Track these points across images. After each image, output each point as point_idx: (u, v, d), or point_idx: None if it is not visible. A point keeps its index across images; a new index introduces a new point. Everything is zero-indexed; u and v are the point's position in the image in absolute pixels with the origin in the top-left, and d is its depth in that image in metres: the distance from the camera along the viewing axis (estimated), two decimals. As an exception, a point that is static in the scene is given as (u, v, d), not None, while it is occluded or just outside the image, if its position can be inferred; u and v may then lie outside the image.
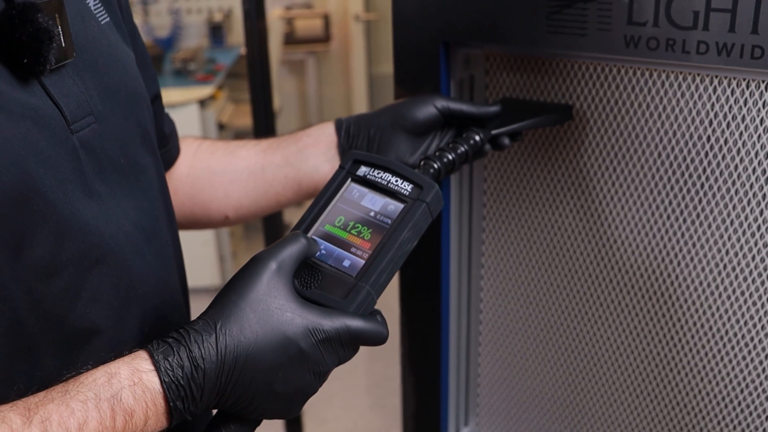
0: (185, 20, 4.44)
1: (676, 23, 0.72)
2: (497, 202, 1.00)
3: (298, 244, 0.65)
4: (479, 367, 1.12)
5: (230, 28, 4.43)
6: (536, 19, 0.80)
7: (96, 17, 0.70)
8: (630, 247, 0.90)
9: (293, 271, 0.65)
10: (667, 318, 0.89)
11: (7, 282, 0.56)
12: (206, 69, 3.85)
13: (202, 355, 0.59)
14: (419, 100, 0.86)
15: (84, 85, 0.64)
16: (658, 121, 0.82)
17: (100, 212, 0.64)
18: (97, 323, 0.63)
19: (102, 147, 0.66)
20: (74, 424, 0.54)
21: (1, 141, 0.55)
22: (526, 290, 1.02)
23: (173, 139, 0.92)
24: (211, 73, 3.79)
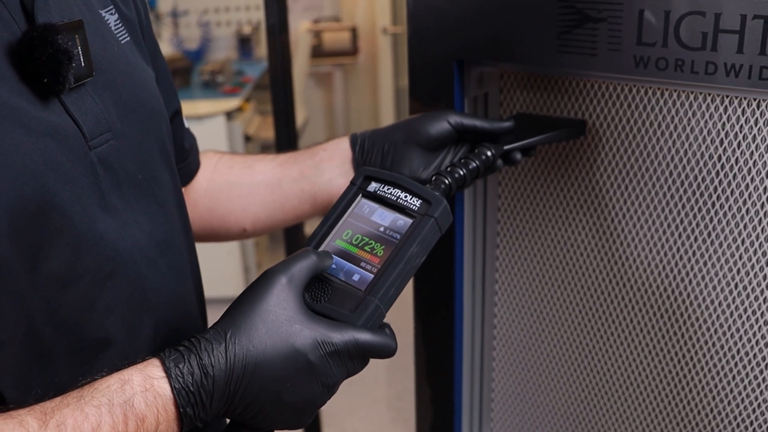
0: (214, 33, 4.50)
1: (685, 44, 0.73)
2: (511, 217, 1.01)
3: (308, 259, 0.67)
4: (493, 381, 1.13)
5: (259, 40, 4.49)
6: (547, 39, 0.81)
7: (116, 37, 0.73)
8: (642, 265, 0.90)
9: (303, 284, 0.66)
10: (678, 336, 0.89)
11: (24, 291, 0.58)
12: (234, 81, 3.90)
13: (211, 363, 0.61)
14: (433, 115, 0.87)
15: (103, 103, 0.67)
16: (669, 140, 0.83)
17: (116, 226, 0.66)
18: (111, 333, 0.65)
19: (119, 162, 0.68)
20: (88, 428, 0.56)
21: (21, 157, 0.57)
22: (539, 305, 1.03)
23: (193, 153, 0.94)
24: (239, 85, 3.84)
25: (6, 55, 0.59)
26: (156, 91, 0.77)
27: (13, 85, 0.59)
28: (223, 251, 3.48)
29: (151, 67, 0.80)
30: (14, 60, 0.59)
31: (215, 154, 0.98)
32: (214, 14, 4.51)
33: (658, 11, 0.73)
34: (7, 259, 0.57)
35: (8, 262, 0.57)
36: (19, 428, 0.54)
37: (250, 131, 3.69)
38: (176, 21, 4.43)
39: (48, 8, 0.62)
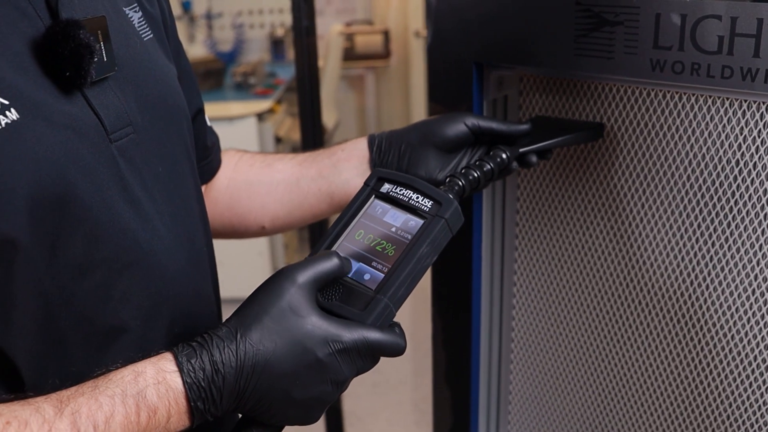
0: (248, 35, 4.55)
1: (701, 48, 0.73)
2: (530, 220, 1.01)
3: (330, 263, 0.67)
4: (510, 384, 1.13)
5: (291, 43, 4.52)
6: (564, 42, 0.82)
7: (139, 34, 0.74)
8: (658, 269, 0.90)
9: (318, 287, 0.67)
10: (694, 341, 0.89)
11: (43, 278, 0.60)
12: (266, 83, 3.93)
13: (222, 361, 0.62)
14: (450, 117, 0.88)
15: (124, 98, 0.68)
16: (687, 144, 0.83)
17: (137, 217, 0.68)
18: (126, 322, 0.67)
19: (140, 156, 0.69)
20: (101, 418, 0.58)
21: (42, 149, 0.59)
22: (557, 308, 1.03)
23: (215, 151, 0.96)
24: (271, 87, 3.87)
25: (30, 50, 0.61)
26: (177, 88, 0.79)
27: (37, 78, 0.61)
28: (253, 252, 3.51)
29: (173, 64, 0.82)
30: (38, 54, 0.61)
31: (236, 153, 1.00)
32: (247, 16, 4.56)
33: (675, 15, 0.73)
34: (27, 247, 0.59)
35: (28, 250, 0.59)
36: (36, 414, 0.56)
37: (281, 133, 3.72)
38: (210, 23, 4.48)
39: (72, 4, 0.64)
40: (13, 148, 0.57)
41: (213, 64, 3.90)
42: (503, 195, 1.03)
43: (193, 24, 4.40)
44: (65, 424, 0.56)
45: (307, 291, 0.65)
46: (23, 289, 0.60)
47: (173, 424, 0.62)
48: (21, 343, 0.61)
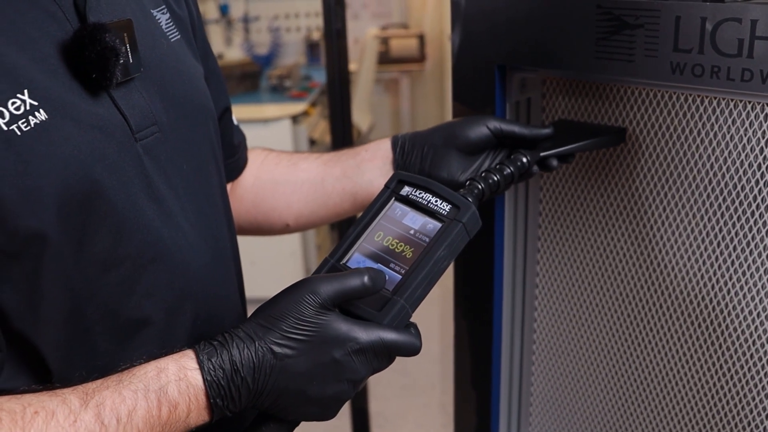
0: (284, 38, 4.59)
1: (721, 50, 0.73)
2: (552, 223, 1.02)
3: (356, 282, 0.67)
4: (531, 386, 1.13)
5: (327, 46, 4.56)
6: (585, 45, 0.82)
7: (166, 35, 0.77)
8: (680, 274, 0.89)
9: (342, 299, 0.67)
10: (715, 345, 0.88)
11: (70, 272, 0.63)
12: (301, 86, 3.97)
13: (241, 361, 0.64)
14: (472, 120, 0.89)
15: (150, 98, 0.71)
16: (708, 148, 0.83)
17: (161, 214, 0.70)
18: (149, 316, 0.69)
19: (165, 154, 0.72)
20: (124, 411, 0.60)
21: (70, 148, 0.62)
22: (578, 311, 1.03)
23: (242, 150, 0.98)
24: (306, 90, 3.91)
25: (59, 53, 0.63)
26: (203, 88, 0.81)
27: (66, 80, 0.63)
28: (286, 252, 3.55)
29: (201, 64, 0.84)
30: (66, 57, 0.63)
31: (262, 152, 1.02)
32: (284, 20, 4.60)
33: (695, 18, 0.73)
34: (56, 242, 0.61)
35: (56, 245, 0.61)
36: (62, 405, 0.59)
37: (315, 135, 3.75)
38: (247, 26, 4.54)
39: (99, 8, 0.67)
40: (42, 148, 0.60)
41: (249, 67, 3.95)
42: (526, 198, 1.04)
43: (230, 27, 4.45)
44: (90, 416, 0.59)
45: (329, 304, 0.66)
46: (51, 283, 0.62)
47: (193, 419, 0.64)
48: (48, 334, 0.64)
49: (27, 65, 0.61)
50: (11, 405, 0.57)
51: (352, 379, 0.67)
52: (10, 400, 0.58)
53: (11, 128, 0.58)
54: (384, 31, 4.76)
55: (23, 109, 0.59)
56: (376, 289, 0.68)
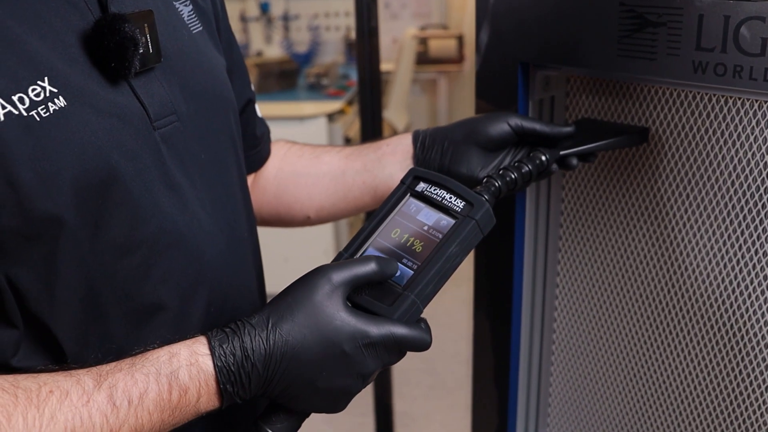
0: (323, 37, 4.62)
1: (744, 50, 0.72)
2: (574, 222, 1.01)
3: (366, 268, 0.68)
4: (550, 386, 1.13)
5: (365, 45, 4.57)
6: (608, 43, 0.81)
7: (188, 27, 0.78)
8: (701, 276, 0.88)
9: (352, 288, 0.68)
10: (736, 350, 0.87)
11: (86, 256, 0.64)
12: (338, 84, 3.99)
13: (252, 348, 0.64)
14: (494, 116, 0.88)
15: (170, 87, 0.72)
16: (732, 149, 0.81)
17: (178, 201, 0.71)
18: (164, 301, 0.71)
19: (183, 143, 0.73)
20: (136, 393, 0.61)
21: (88, 134, 0.63)
22: (599, 313, 1.02)
23: (264, 141, 0.99)
24: (343, 88, 3.93)
25: (80, 42, 0.65)
26: (224, 79, 0.82)
27: (86, 68, 0.65)
28: (319, 250, 3.57)
29: (223, 56, 0.85)
30: (87, 46, 0.65)
31: (286, 144, 1.03)
32: (323, 19, 4.63)
33: (718, 16, 0.72)
34: (72, 226, 0.63)
35: (72, 228, 0.63)
36: (76, 386, 0.60)
37: (350, 134, 3.77)
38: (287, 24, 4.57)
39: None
40: (60, 134, 0.62)
41: (287, 65, 3.98)
42: (548, 197, 1.03)
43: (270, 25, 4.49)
44: (102, 397, 0.60)
45: (341, 291, 0.67)
46: (67, 266, 0.64)
47: (203, 404, 0.65)
48: (64, 315, 0.65)
49: (48, 53, 0.63)
50: (28, 383, 0.59)
51: (362, 373, 0.67)
52: (26, 379, 0.60)
53: (30, 114, 0.60)
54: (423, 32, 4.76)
55: (43, 95, 0.61)
56: (386, 274, 0.68)
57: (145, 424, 0.61)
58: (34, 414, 0.57)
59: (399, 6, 4.88)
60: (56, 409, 0.58)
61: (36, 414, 0.57)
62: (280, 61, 3.99)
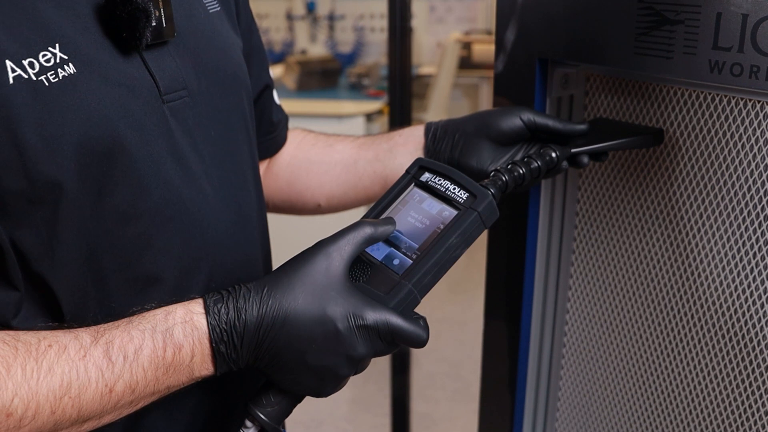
0: (368, 38, 4.63)
1: (761, 50, 0.70)
2: (589, 223, 1.00)
3: (359, 231, 0.69)
4: (559, 391, 1.11)
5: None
6: (625, 40, 0.80)
7: (205, 6, 0.79)
8: (716, 282, 0.86)
9: (352, 255, 0.68)
10: (747, 361, 0.85)
11: (88, 221, 0.66)
12: (379, 85, 4.00)
13: (245, 308, 0.65)
14: (506, 110, 0.88)
15: (182, 63, 0.73)
16: (750, 153, 0.79)
17: (183, 175, 0.72)
18: (164, 271, 0.72)
19: (193, 119, 0.74)
20: (131, 349, 0.62)
21: (95, 102, 0.64)
22: (611, 316, 1.00)
23: (280, 128, 1.00)
24: (384, 89, 3.94)
25: (94, 12, 0.66)
26: (239, 59, 0.83)
27: (98, 38, 0.66)
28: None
29: (241, 38, 0.86)
30: (100, 16, 0.66)
31: (302, 132, 1.03)
32: (368, 20, 4.65)
33: (736, 15, 0.71)
34: (74, 191, 0.64)
35: (74, 193, 0.64)
36: (74, 341, 0.62)
37: (388, 134, 3.76)
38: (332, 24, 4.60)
39: None
40: (68, 100, 0.63)
41: (330, 64, 4.00)
42: (563, 197, 1.02)
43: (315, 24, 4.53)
44: (99, 352, 0.61)
45: (339, 261, 0.67)
46: (68, 229, 0.65)
47: (197, 365, 0.65)
48: (65, 278, 0.67)
49: (61, 21, 0.64)
50: (28, 337, 0.61)
51: (350, 355, 0.67)
52: (27, 333, 0.62)
53: (40, 79, 0.61)
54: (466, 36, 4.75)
55: (53, 61, 0.62)
56: (381, 235, 0.69)
57: (139, 380, 0.62)
58: (33, 366, 0.59)
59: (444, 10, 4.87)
60: (54, 362, 0.59)
61: (34, 366, 0.59)
62: (322, 60, 4.02)
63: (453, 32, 4.64)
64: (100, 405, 0.61)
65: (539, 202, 1.00)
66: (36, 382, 0.58)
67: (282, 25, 4.84)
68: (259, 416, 0.68)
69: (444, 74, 4.21)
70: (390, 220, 0.71)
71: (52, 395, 0.58)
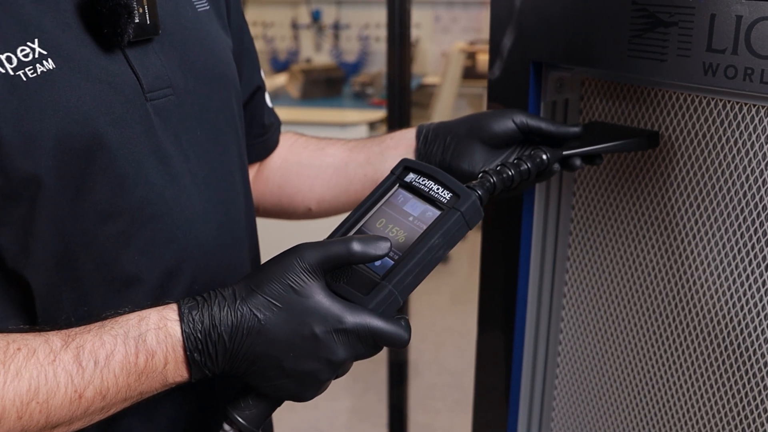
0: (373, 47, 4.64)
1: (756, 51, 0.69)
2: (584, 229, 0.98)
3: (341, 248, 0.65)
4: (554, 401, 1.09)
5: (414, 57, 4.58)
6: (619, 43, 0.79)
7: (192, 4, 0.78)
8: (711, 290, 0.85)
9: (327, 269, 0.66)
10: (742, 371, 0.83)
11: (65, 218, 0.64)
12: (383, 94, 3.99)
13: (220, 318, 0.64)
14: (498, 113, 0.87)
15: (167, 62, 0.72)
16: (745, 158, 0.78)
17: (166, 174, 0.71)
18: (143, 272, 0.70)
19: (178, 117, 0.73)
20: (103, 354, 0.61)
21: (74, 98, 0.63)
22: (605, 324, 0.99)
23: (272, 131, 0.98)
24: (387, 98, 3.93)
25: (75, 7, 0.66)
26: (227, 59, 0.82)
27: (79, 34, 0.65)
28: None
29: (231, 38, 0.85)
30: (81, 12, 0.65)
31: (293, 135, 1.02)
32: (374, 29, 4.65)
33: (730, 16, 0.69)
34: (51, 187, 0.63)
35: (52, 190, 0.63)
36: (44, 345, 0.60)
37: (391, 143, 3.76)
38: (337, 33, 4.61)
39: None
40: (46, 95, 0.62)
41: (334, 72, 4.01)
42: (558, 202, 1.00)
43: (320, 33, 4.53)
44: (69, 356, 0.60)
45: (315, 270, 0.65)
46: (45, 226, 0.64)
47: (171, 372, 0.64)
48: (40, 276, 0.65)
49: (41, 17, 0.63)
50: None
51: (331, 360, 0.65)
52: None
53: (17, 74, 0.61)
54: (471, 46, 4.75)
55: (32, 56, 0.62)
56: (363, 257, 0.65)
57: (110, 386, 0.61)
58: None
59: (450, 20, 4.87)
60: (22, 366, 0.58)
61: (1, 369, 0.57)
62: (326, 69, 4.02)
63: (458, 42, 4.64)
64: (69, 411, 0.59)
65: (533, 208, 0.99)
66: (2, 386, 0.57)
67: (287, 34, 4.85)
68: (237, 420, 0.67)
69: (448, 84, 4.20)
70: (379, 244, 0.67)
71: (19, 400, 0.57)
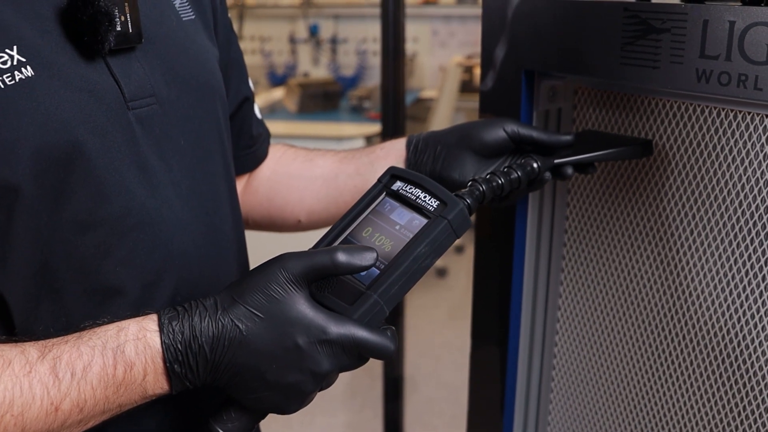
0: (371, 61, 4.64)
1: (750, 57, 0.68)
2: (579, 239, 0.97)
3: (325, 259, 0.64)
4: (549, 415, 1.07)
5: (411, 71, 4.58)
6: (611, 51, 0.78)
7: (178, 13, 0.77)
8: (706, 301, 0.83)
9: (311, 280, 0.64)
10: (740, 385, 0.81)
11: (43, 229, 0.63)
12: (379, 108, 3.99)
13: (201, 329, 0.62)
14: (490, 122, 0.85)
15: (151, 71, 0.70)
16: (741, 167, 0.77)
17: (147, 184, 0.69)
18: (125, 283, 0.69)
19: (161, 127, 0.71)
20: (80, 366, 0.59)
21: (53, 106, 0.62)
22: (601, 337, 0.97)
23: (261, 142, 0.97)
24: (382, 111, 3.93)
25: (56, 15, 0.64)
26: (213, 68, 0.80)
27: (59, 42, 0.64)
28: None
29: (217, 48, 0.84)
30: (61, 19, 0.64)
31: (282, 146, 1.01)
32: (371, 43, 4.65)
33: (723, 21, 0.68)
34: (30, 196, 0.62)
35: (30, 199, 0.62)
36: (20, 356, 0.59)
37: (388, 157, 3.75)
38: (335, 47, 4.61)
39: None
40: (24, 103, 0.61)
41: (331, 87, 4.00)
42: (552, 212, 0.99)
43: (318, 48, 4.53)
44: (45, 368, 0.58)
45: (299, 280, 0.63)
46: (22, 235, 0.62)
47: (150, 384, 0.62)
48: (17, 287, 0.64)
49: (20, 24, 0.62)
50: None
51: (315, 371, 0.63)
52: None
53: None
54: (468, 60, 4.75)
55: (10, 63, 0.60)
56: (348, 268, 0.64)
57: (88, 399, 0.59)
58: None
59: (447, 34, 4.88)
60: None
61: None
62: (323, 83, 4.02)
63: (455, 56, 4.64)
64: (45, 424, 0.58)
65: (527, 219, 0.97)
66: None
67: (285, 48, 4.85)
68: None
69: (445, 98, 4.20)
70: (365, 254, 0.65)
71: None
